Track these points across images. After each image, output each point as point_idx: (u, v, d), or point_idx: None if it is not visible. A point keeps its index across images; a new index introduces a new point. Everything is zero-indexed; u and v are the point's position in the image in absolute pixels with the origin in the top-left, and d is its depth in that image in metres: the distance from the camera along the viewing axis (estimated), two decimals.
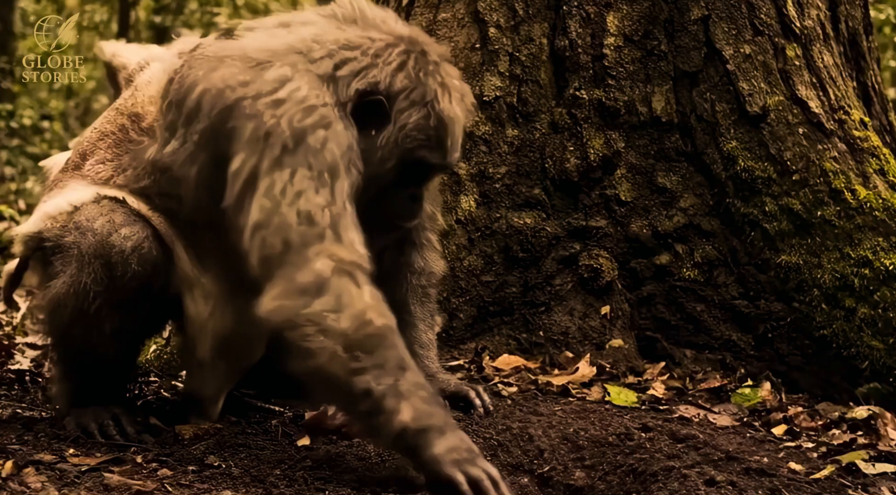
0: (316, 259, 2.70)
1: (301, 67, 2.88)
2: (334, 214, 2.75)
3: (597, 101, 4.09)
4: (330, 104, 2.84)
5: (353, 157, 2.85)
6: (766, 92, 4.01)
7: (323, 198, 2.75)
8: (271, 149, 2.77)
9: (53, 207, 3.08)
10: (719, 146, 4.02)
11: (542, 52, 4.15)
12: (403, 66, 2.92)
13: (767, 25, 4.05)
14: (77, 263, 2.94)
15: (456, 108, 2.98)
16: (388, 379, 2.63)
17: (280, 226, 2.73)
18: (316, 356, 2.65)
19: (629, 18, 4.11)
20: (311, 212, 2.73)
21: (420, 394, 2.64)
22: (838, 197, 3.90)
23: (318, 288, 2.67)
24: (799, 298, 3.89)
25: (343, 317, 2.65)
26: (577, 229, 4.07)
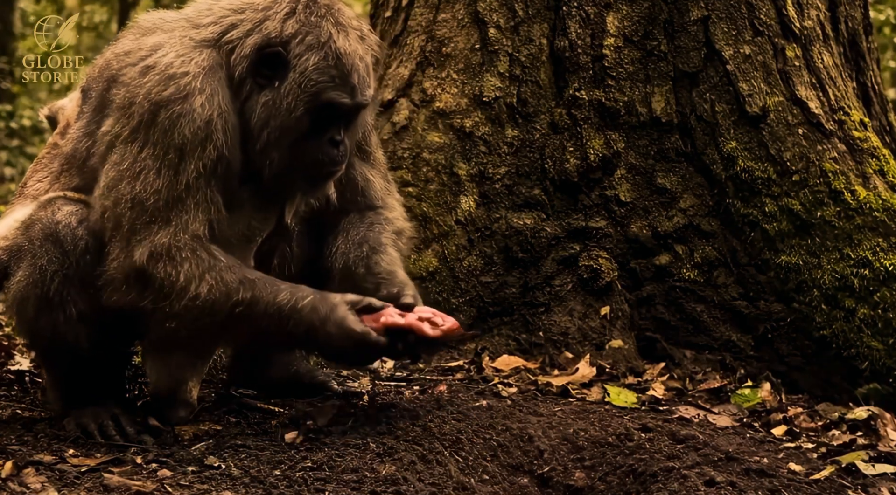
0: (137, 247, 2.80)
1: (178, 34, 2.91)
2: (171, 197, 2.80)
3: (597, 101, 4.09)
4: (194, 73, 2.83)
5: (215, 130, 2.84)
6: (765, 92, 4.01)
7: (163, 180, 2.80)
8: (130, 119, 2.84)
9: (3, 229, 3.09)
10: (719, 146, 4.02)
11: (542, 53, 4.15)
12: (293, 13, 2.89)
13: (767, 26, 4.05)
14: (30, 255, 2.94)
15: (355, 45, 2.94)
16: (264, 319, 2.82)
17: (116, 202, 2.83)
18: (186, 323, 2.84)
19: (629, 19, 4.11)
20: (144, 198, 2.80)
21: (301, 303, 2.83)
22: (838, 197, 3.90)
23: (139, 279, 2.81)
24: (799, 299, 3.89)
25: (175, 301, 2.80)
26: (576, 230, 4.07)
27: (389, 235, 3.25)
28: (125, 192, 2.81)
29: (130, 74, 2.86)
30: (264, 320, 2.81)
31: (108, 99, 2.92)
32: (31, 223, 2.99)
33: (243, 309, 2.80)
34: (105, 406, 3.07)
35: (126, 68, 2.89)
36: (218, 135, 2.84)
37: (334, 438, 3.07)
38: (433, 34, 4.20)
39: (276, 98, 2.89)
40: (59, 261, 2.92)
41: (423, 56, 4.20)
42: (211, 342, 3.04)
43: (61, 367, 3.11)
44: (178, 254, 2.80)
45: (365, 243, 3.18)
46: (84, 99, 3.08)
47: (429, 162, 4.08)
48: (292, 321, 2.82)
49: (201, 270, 2.80)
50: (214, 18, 2.93)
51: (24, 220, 3.02)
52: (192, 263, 2.80)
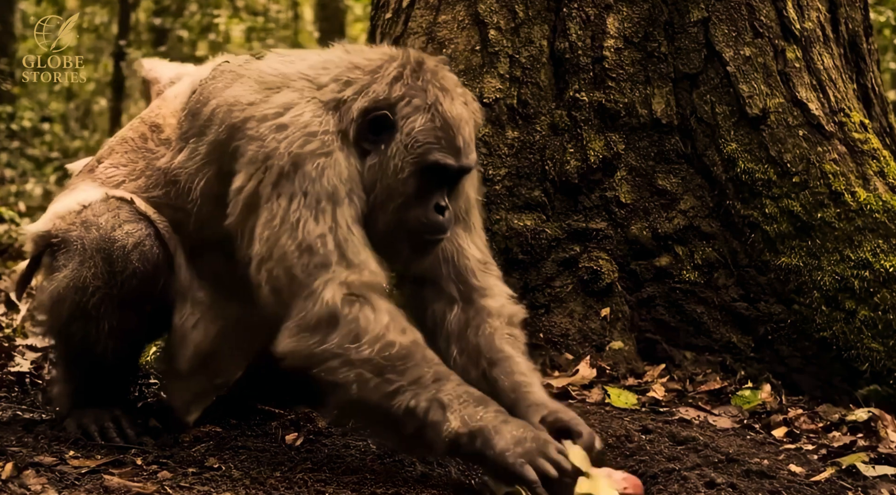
0: (324, 289, 2.68)
1: (307, 94, 2.88)
2: (338, 239, 2.73)
3: (597, 103, 4.10)
4: (332, 132, 2.82)
5: (354, 187, 2.82)
6: (766, 94, 4.01)
7: (323, 225, 2.73)
8: (270, 172, 2.77)
9: (63, 207, 3.11)
10: (719, 148, 4.02)
11: (543, 54, 4.15)
12: (401, 77, 2.88)
13: (767, 27, 4.05)
14: (79, 257, 2.95)
15: (460, 109, 2.93)
16: (426, 393, 2.61)
17: (282, 258, 2.72)
18: (347, 388, 2.64)
19: (629, 20, 4.11)
20: (311, 243, 2.72)
21: (464, 399, 2.62)
22: (838, 199, 3.91)
23: (330, 320, 2.66)
24: (799, 300, 3.89)
25: (364, 345, 2.63)
26: (577, 231, 4.07)
27: (503, 335, 3.09)
28: (288, 245, 2.72)
29: (262, 130, 2.82)
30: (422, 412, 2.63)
31: (231, 148, 2.88)
32: (91, 219, 2.99)
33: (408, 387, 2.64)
34: (106, 407, 3.08)
35: (254, 122, 2.84)
36: (359, 191, 2.83)
37: (334, 440, 3.07)
38: (433, 36, 4.20)
39: (382, 160, 2.86)
40: (104, 278, 2.93)
41: None
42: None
43: (75, 367, 3.12)
44: (373, 295, 2.71)
45: (480, 356, 3.03)
46: (185, 121, 3.05)
47: None
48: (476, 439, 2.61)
49: (394, 320, 2.70)
50: (331, 77, 2.91)
51: (87, 208, 3.03)
52: (386, 307, 2.71)
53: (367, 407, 2.67)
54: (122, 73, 13.02)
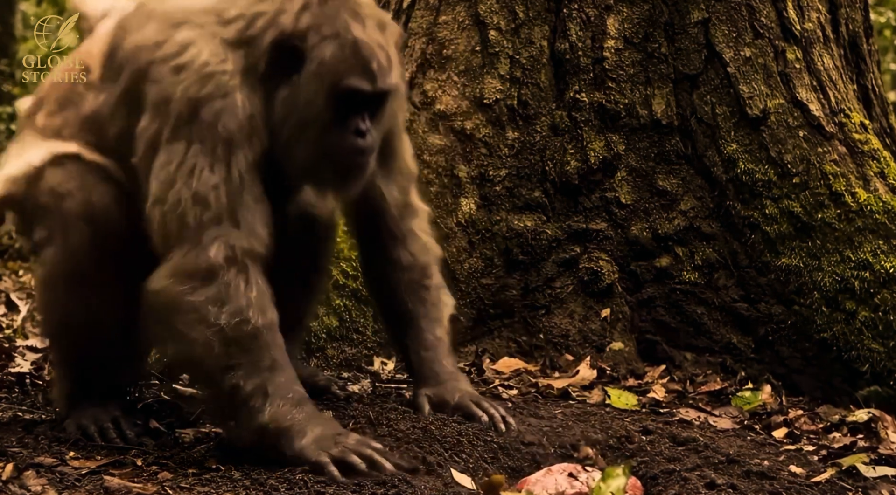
0: (211, 245, 2.72)
1: (209, 30, 2.84)
2: (230, 193, 2.74)
3: (597, 103, 4.10)
4: (231, 71, 2.79)
5: (256, 128, 2.80)
6: (766, 94, 4.01)
7: (218, 176, 2.74)
8: (169, 116, 2.77)
9: (15, 169, 3.06)
10: (719, 149, 4.02)
11: (543, 55, 4.15)
12: (308, 6, 2.82)
13: (768, 28, 4.05)
14: (61, 227, 2.93)
15: (373, 32, 2.85)
16: (257, 378, 2.70)
17: (175, 204, 2.74)
18: (193, 346, 2.72)
19: (629, 21, 4.11)
20: (205, 194, 2.73)
21: (286, 396, 2.72)
22: (839, 200, 3.90)
23: (207, 276, 2.71)
24: (799, 301, 3.89)
25: (225, 312, 2.69)
26: (577, 232, 4.07)
27: (414, 293, 3.24)
28: (184, 192, 2.74)
29: (163, 72, 2.80)
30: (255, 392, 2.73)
31: (138, 91, 2.87)
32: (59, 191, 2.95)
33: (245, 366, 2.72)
34: (106, 408, 3.07)
35: (156, 65, 2.82)
36: (260, 131, 2.81)
37: None
38: (434, 36, 4.20)
39: (294, 92, 2.83)
40: (94, 242, 2.91)
41: (424, 58, 4.20)
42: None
43: (78, 358, 3.10)
44: (252, 265, 2.75)
45: (395, 316, 3.25)
46: (107, 63, 3.01)
47: (429, 164, 4.08)
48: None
49: (260, 298, 2.74)
50: (239, 11, 2.87)
51: (46, 174, 2.99)
52: (258, 282, 2.75)
53: (201, 370, 2.78)
54: None
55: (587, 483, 2.71)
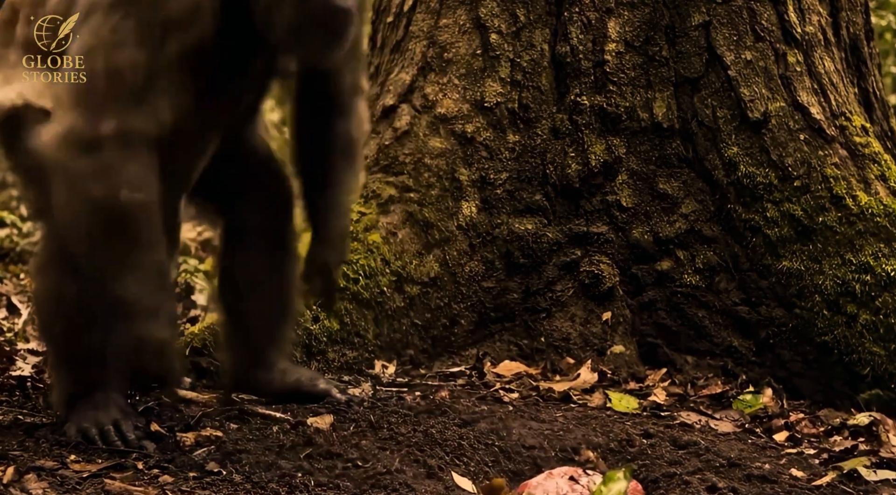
0: (106, 118, 2.67)
1: None
2: (148, 75, 2.69)
3: (598, 106, 4.10)
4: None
5: (202, 13, 2.73)
6: (767, 98, 4.01)
7: (142, 54, 2.68)
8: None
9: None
10: (720, 152, 4.02)
11: (544, 58, 4.15)
12: None
13: (768, 31, 4.05)
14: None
15: None
16: (115, 253, 2.70)
17: (89, 72, 2.71)
18: (63, 211, 2.71)
19: (630, 24, 4.11)
20: (122, 70, 2.68)
21: (142, 279, 2.70)
22: (840, 203, 3.90)
23: (92, 147, 2.66)
24: (800, 304, 3.88)
25: (100, 183, 2.65)
26: (578, 235, 4.07)
27: (338, 163, 3.26)
28: (100, 63, 2.70)
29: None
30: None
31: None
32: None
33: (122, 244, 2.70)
34: (107, 411, 3.07)
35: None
36: (205, 17, 2.74)
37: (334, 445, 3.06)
38: (435, 39, 4.20)
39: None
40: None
41: (425, 61, 4.20)
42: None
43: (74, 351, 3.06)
44: (138, 146, 2.69)
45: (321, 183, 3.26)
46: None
47: (430, 167, 4.08)
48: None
49: (141, 175, 2.69)
50: None
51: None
52: (142, 162, 2.70)
53: (70, 235, 2.75)
54: None
55: (588, 486, 2.71)
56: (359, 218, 3.99)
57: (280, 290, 3.35)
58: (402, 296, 3.95)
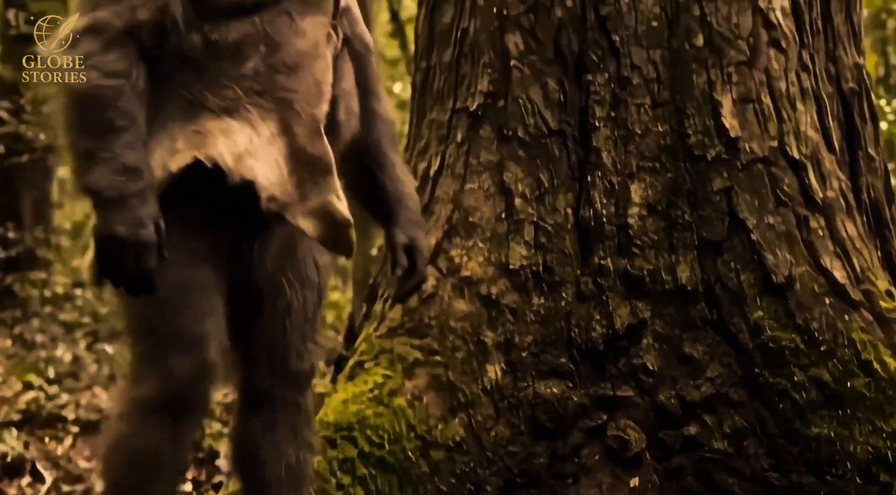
0: (85, 15, 2.76)
1: None
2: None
3: (622, 269, 4.12)
4: None
5: None
6: (790, 261, 4.02)
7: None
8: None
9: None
10: (745, 315, 4.01)
11: (567, 222, 4.19)
12: None
13: (790, 196, 4.09)
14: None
15: None
16: (90, 139, 2.69)
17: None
18: (57, 98, 2.76)
19: (653, 189, 4.16)
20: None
21: (110, 164, 2.67)
22: (868, 368, 3.86)
23: (73, 42, 2.74)
24: (832, 471, 3.81)
25: (74, 74, 2.70)
26: (604, 399, 4.04)
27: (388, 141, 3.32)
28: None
29: None
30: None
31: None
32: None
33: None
34: None
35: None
36: None
37: None
38: (460, 204, 4.26)
39: None
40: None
41: (450, 225, 4.26)
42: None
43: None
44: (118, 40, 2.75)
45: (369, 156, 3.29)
46: None
47: (455, 330, 4.09)
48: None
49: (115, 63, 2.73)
50: None
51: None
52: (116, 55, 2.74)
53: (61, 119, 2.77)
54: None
55: None
56: (384, 381, 3.99)
57: (297, 458, 3.30)
58: (426, 462, 3.90)
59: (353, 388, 4.01)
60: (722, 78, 4.18)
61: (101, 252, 2.68)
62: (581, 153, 4.23)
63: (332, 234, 2.94)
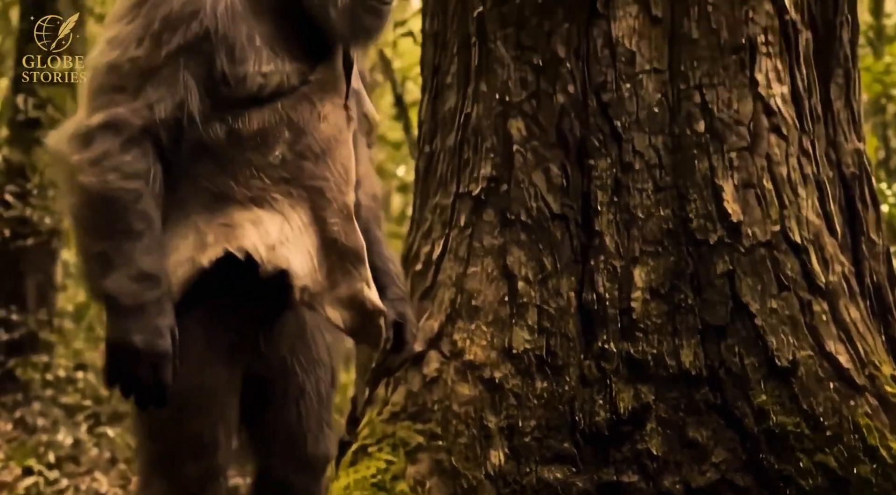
0: (101, 109, 2.67)
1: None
2: (146, 68, 2.69)
3: (625, 353, 4.11)
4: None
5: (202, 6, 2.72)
6: (794, 346, 4.01)
7: (142, 49, 2.69)
8: (125, 3, 2.76)
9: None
10: (750, 400, 3.99)
11: (571, 306, 4.19)
12: None
13: (792, 280, 4.10)
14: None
15: None
16: (105, 242, 2.60)
17: (93, 70, 2.73)
18: (68, 200, 2.67)
19: (655, 272, 4.17)
20: (121, 64, 2.69)
21: (127, 270, 2.58)
22: (874, 454, 3.83)
23: (87, 139, 2.65)
24: None
25: (93, 173, 2.61)
26: (608, 484, 4.00)
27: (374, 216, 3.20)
28: (103, 60, 2.72)
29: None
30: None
31: None
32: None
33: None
34: None
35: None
36: (207, 10, 2.73)
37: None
38: (463, 287, 4.27)
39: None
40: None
41: (453, 308, 4.26)
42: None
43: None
44: (134, 137, 2.67)
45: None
46: None
47: (458, 415, 4.06)
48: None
49: (132, 164, 2.65)
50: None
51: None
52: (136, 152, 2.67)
53: (72, 222, 2.70)
54: None
55: None
56: (386, 467, 3.96)
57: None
58: None
59: (354, 474, 3.98)
60: (723, 163, 4.21)
61: (113, 360, 2.59)
62: (584, 237, 4.25)
63: (360, 324, 2.90)
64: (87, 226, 2.66)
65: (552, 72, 4.34)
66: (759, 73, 4.30)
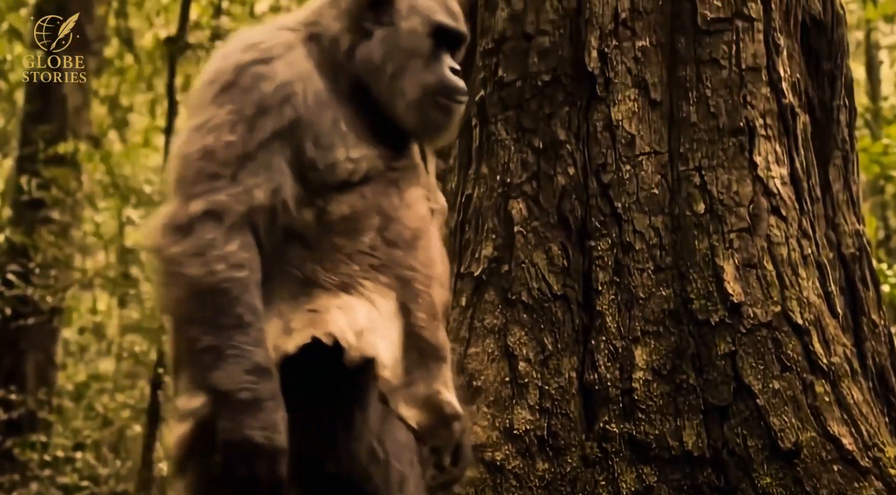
0: (198, 197, 2.60)
1: (268, 26, 2.90)
2: (241, 153, 2.64)
3: (627, 434, 4.08)
4: (284, 42, 2.77)
5: (295, 93, 2.71)
6: (797, 427, 3.99)
7: (236, 134, 2.65)
8: (213, 85, 2.72)
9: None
10: (753, 482, 3.96)
11: (572, 386, 4.18)
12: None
13: (795, 361, 4.09)
14: None
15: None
16: (214, 335, 2.51)
17: (185, 157, 2.67)
18: (168, 296, 2.59)
19: (657, 353, 4.17)
20: (215, 149, 2.64)
21: (241, 363, 2.49)
22: None
23: (186, 229, 2.58)
24: None
25: (197, 264, 2.54)
26: None
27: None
28: (196, 146, 2.65)
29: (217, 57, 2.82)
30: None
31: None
32: None
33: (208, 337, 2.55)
34: None
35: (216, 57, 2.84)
36: (298, 96, 2.71)
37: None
38: (463, 368, 4.26)
39: (391, 31, 2.83)
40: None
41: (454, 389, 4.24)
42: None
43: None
44: (235, 223, 2.60)
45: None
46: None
47: None
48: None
49: (237, 252, 2.58)
50: (303, 11, 2.93)
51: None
52: (240, 240, 2.60)
53: (173, 316, 2.64)
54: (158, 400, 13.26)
55: None
56: None
57: None
58: None
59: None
60: (724, 244, 4.23)
61: (231, 457, 2.49)
62: (585, 317, 4.25)
63: (433, 427, 2.80)
64: (192, 320, 2.57)
65: (553, 154, 4.39)
66: (758, 155, 4.34)
